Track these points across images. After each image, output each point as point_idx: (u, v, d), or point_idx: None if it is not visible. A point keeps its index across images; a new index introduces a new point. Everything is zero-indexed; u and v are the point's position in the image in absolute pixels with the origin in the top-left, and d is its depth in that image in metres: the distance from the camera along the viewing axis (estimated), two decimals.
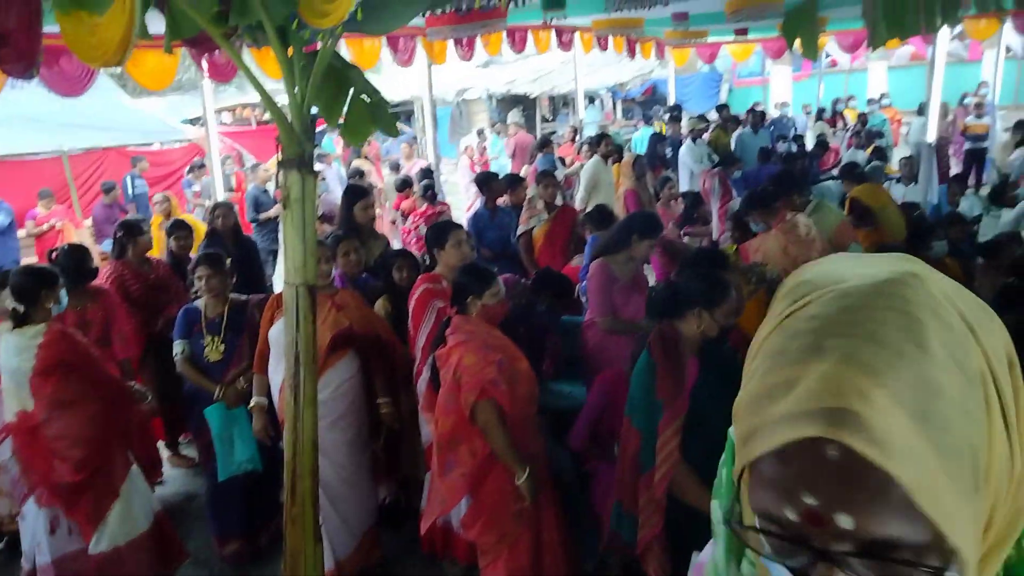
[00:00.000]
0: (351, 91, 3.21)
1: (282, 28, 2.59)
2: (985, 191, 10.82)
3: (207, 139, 8.40)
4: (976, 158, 11.58)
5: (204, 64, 6.10)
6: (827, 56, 16.68)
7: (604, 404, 3.27)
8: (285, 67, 2.65)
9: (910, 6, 2.53)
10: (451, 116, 18.95)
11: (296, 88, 2.68)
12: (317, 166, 12.28)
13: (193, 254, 5.47)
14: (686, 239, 6.76)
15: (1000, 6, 6.09)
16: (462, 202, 10.90)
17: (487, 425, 2.95)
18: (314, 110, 2.87)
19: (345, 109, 3.24)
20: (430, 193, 7.16)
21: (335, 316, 3.56)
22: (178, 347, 3.84)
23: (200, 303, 3.91)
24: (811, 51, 2.89)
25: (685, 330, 2.61)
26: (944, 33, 5.50)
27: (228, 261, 3.97)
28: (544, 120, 20.08)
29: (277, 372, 3.44)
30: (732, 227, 5.51)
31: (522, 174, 10.11)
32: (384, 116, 3.58)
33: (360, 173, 9.08)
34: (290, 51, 2.67)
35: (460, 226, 4.04)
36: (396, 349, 3.79)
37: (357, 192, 5.02)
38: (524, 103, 19.00)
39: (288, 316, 2.78)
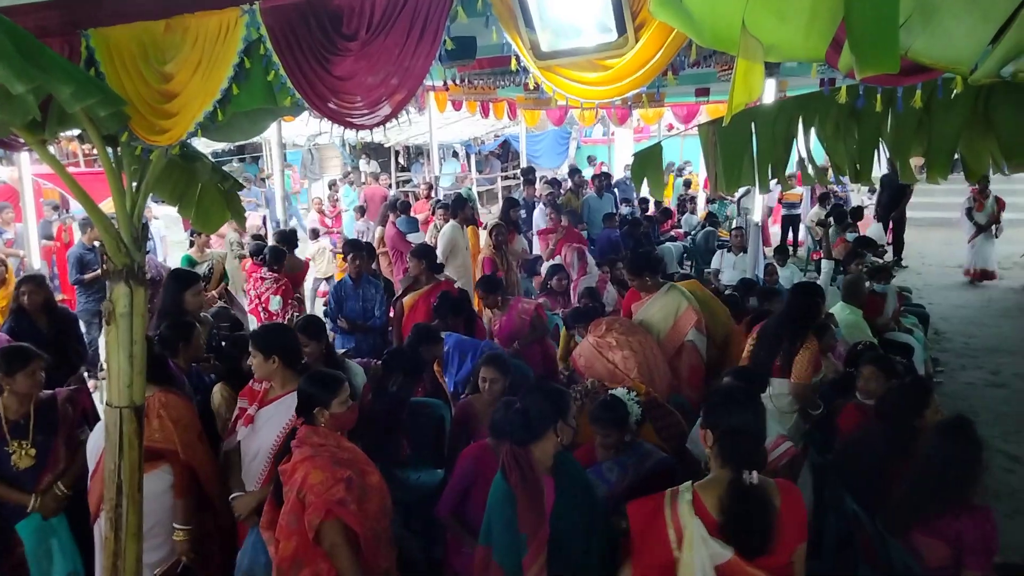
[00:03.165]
0: (199, 182, 3.04)
1: (110, 136, 2.39)
2: (802, 252, 12.07)
3: (19, 180, 7.62)
4: (791, 223, 12.83)
5: None
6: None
7: (471, 478, 3.24)
8: (112, 176, 2.43)
9: (745, 169, 2.81)
10: (302, 160, 18.45)
11: (126, 196, 2.47)
12: (250, 191, 11.41)
13: None
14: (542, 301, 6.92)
15: None
16: (309, 251, 10.54)
17: (333, 547, 2.79)
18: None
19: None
20: (272, 258, 6.85)
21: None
22: None
23: None
24: (657, 190, 3.10)
25: (542, 451, 2.62)
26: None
27: (34, 361, 3.50)
28: (401, 168, 20.03)
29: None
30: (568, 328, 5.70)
31: (376, 233, 10.03)
32: (237, 202, 3.43)
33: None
34: None
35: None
36: (204, 464, 3.40)
37: (184, 278, 4.67)
38: (379, 151, 18.86)
39: (110, 441, 2.52)
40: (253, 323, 6.80)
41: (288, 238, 7.58)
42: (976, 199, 11.17)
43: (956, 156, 2.75)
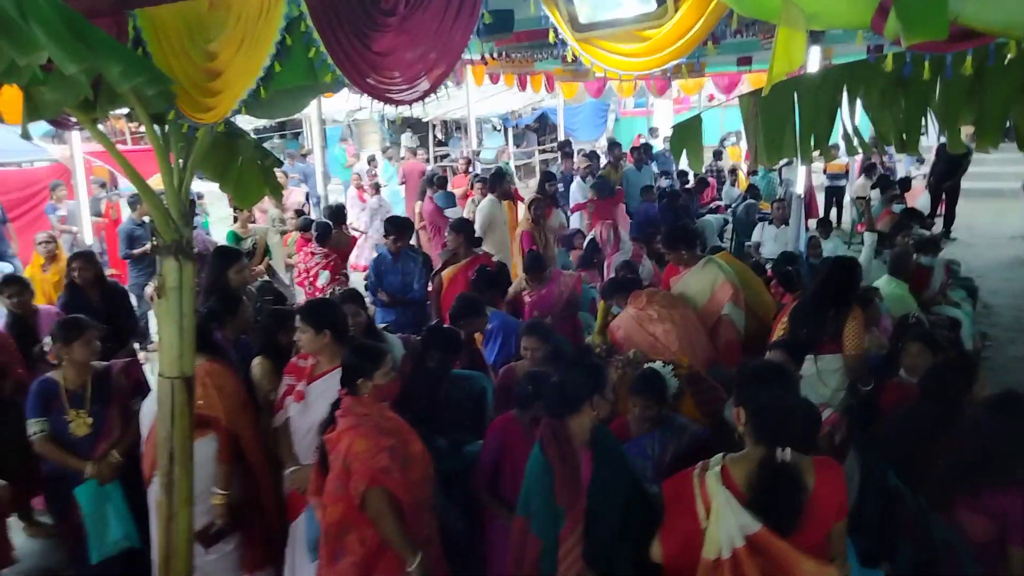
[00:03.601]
0: (240, 158, 3.10)
1: (158, 114, 2.45)
2: (846, 225, 11.80)
3: (71, 159, 7.84)
4: (836, 196, 12.51)
5: None
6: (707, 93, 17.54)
7: (498, 450, 3.30)
8: (160, 153, 2.50)
9: (787, 140, 2.76)
10: (341, 135, 18.57)
11: (173, 173, 2.53)
12: (293, 167, 11.67)
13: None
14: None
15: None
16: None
17: (378, 514, 2.87)
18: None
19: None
20: (320, 234, 6.95)
21: None
22: (35, 426, 3.51)
23: (56, 374, 3.61)
24: (697, 164, 3.08)
25: (579, 424, 2.64)
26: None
27: (89, 330, 3.64)
28: (438, 143, 20.05)
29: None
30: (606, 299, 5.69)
31: (416, 208, 10.10)
32: (274, 178, 3.49)
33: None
34: None
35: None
36: (246, 432, 3.49)
37: (228, 255, 4.77)
38: (417, 126, 18.89)
39: (162, 410, 2.62)
40: (300, 296, 6.94)
41: (336, 214, 7.67)
42: None
43: (1008, 124, 2.67)
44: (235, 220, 7.86)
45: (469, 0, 2.33)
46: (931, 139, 3.12)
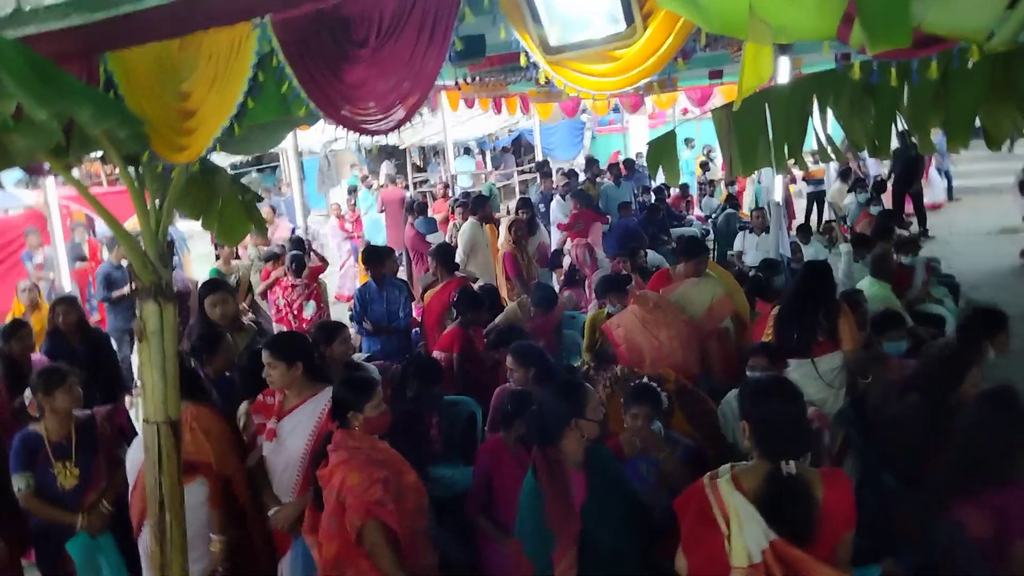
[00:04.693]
0: (220, 196, 3.09)
1: (131, 156, 2.44)
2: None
3: (46, 204, 7.76)
4: (817, 200, 12.70)
5: None
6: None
7: (488, 474, 3.31)
8: (136, 195, 2.48)
9: (761, 151, 2.80)
10: (319, 167, 18.54)
11: (150, 215, 2.51)
12: (267, 202, 11.66)
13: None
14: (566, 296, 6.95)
15: None
16: (332, 257, 10.65)
17: (374, 547, 2.83)
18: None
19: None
20: (296, 265, 6.93)
21: None
22: (20, 481, 3.44)
23: (38, 426, 3.54)
24: (673, 177, 3.11)
25: (568, 448, 2.63)
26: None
27: (70, 377, 3.58)
28: (416, 169, 20.09)
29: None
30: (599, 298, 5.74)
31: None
32: (257, 214, 3.48)
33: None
34: None
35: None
36: (237, 474, 3.43)
37: (206, 287, 4.74)
38: (394, 153, 18.92)
39: (149, 457, 2.57)
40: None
41: (298, 244, 7.67)
42: None
43: (976, 124, 2.72)
44: (217, 257, 7.82)
45: (440, 28, 2.34)
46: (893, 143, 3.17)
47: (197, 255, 11.48)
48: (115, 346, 6.52)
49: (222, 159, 10.42)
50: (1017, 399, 2.82)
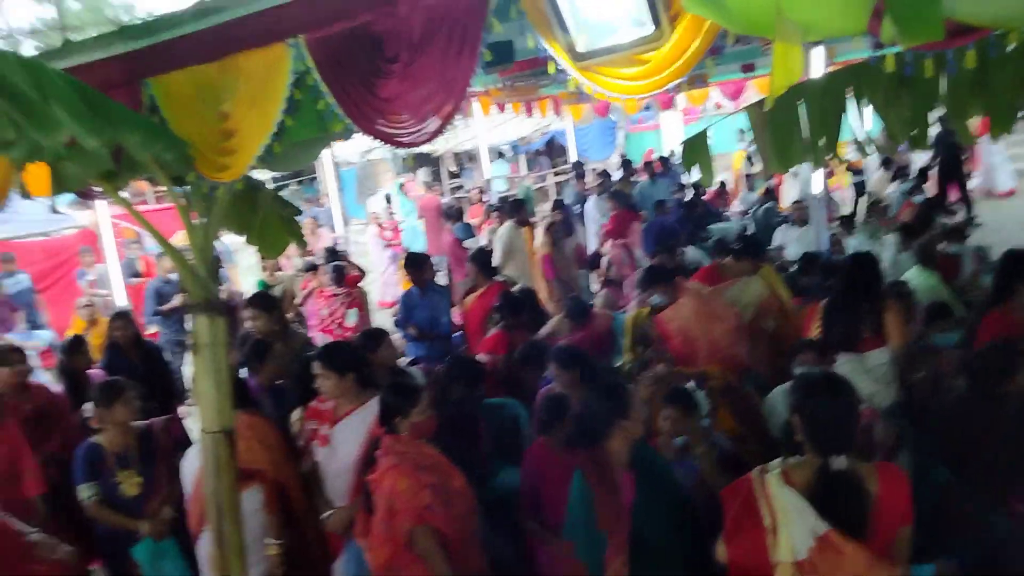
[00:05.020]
0: (261, 211, 3.18)
1: (177, 176, 2.53)
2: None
3: (97, 224, 8.02)
4: (859, 191, 12.43)
5: None
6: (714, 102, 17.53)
7: (535, 478, 3.29)
8: (183, 213, 2.57)
9: (797, 146, 2.78)
10: (357, 178, 18.82)
11: (197, 231, 2.60)
12: (308, 213, 11.96)
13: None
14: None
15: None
16: (372, 264, 10.81)
17: (426, 552, 2.88)
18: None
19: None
20: (336, 275, 7.05)
21: None
22: (86, 491, 3.57)
23: (99, 438, 3.68)
24: (707, 175, 3.11)
25: (615, 448, 2.64)
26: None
27: (128, 390, 3.71)
28: (451, 175, 20.23)
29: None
30: (639, 295, 5.71)
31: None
32: (296, 227, 3.57)
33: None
34: None
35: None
36: (292, 480, 3.54)
37: (246, 303, 4.87)
38: (429, 160, 19.09)
39: (207, 465, 2.66)
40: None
41: (333, 253, 7.79)
42: None
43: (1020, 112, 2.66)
44: (263, 269, 7.99)
45: (470, 39, 2.38)
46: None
47: (245, 266, 11.74)
48: (168, 358, 6.71)
49: (262, 172, 10.67)
50: None
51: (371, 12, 2.46)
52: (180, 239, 3.21)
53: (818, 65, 6.25)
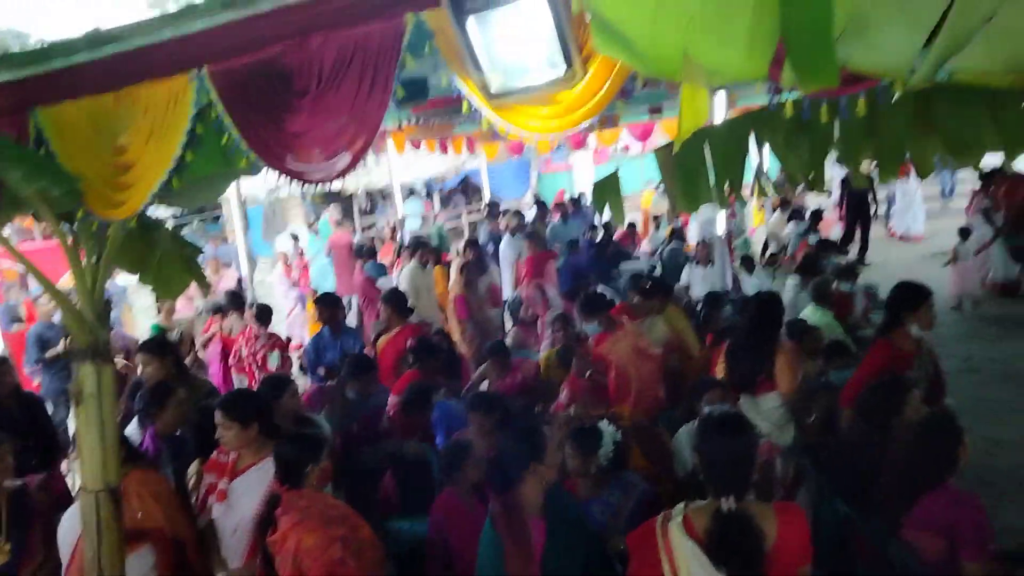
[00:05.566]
0: (159, 250, 3.01)
1: (66, 213, 2.36)
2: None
3: None
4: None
5: None
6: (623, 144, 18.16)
7: (444, 528, 3.23)
8: (70, 253, 2.39)
9: (703, 187, 2.89)
10: (264, 215, 18.32)
11: (85, 272, 2.42)
12: (213, 252, 11.33)
13: None
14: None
15: None
16: (278, 304, 10.45)
17: None
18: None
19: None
20: (261, 315, 6.77)
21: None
22: None
23: None
24: (618, 215, 3.17)
25: (527, 493, 2.59)
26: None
27: (1, 442, 3.39)
28: (363, 213, 20.00)
29: None
30: (555, 332, 5.75)
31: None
32: (197, 267, 3.40)
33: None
34: None
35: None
36: (189, 536, 3.28)
37: (139, 348, 4.61)
38: (340, 198, 18.81)
39: (88, 527, 2.44)
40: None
41: (236, 296, 7.45)
42: (994, 196, 9.12)
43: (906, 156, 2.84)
44: (158, 311, 7.57)
45: (382, 74, 2.34)
46: (831, 173, 3.28)
47: (140, 308, 11.14)
48: (51, 409, 6.22)
49: (164, 209, 10.20)
50: (953, 422, 2.92)
51: (280, 44, 2.39)
52: (70, 280, 3.00)
53: (720, 110, 6.56)
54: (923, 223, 13.19)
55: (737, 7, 1.49)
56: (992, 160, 3.13)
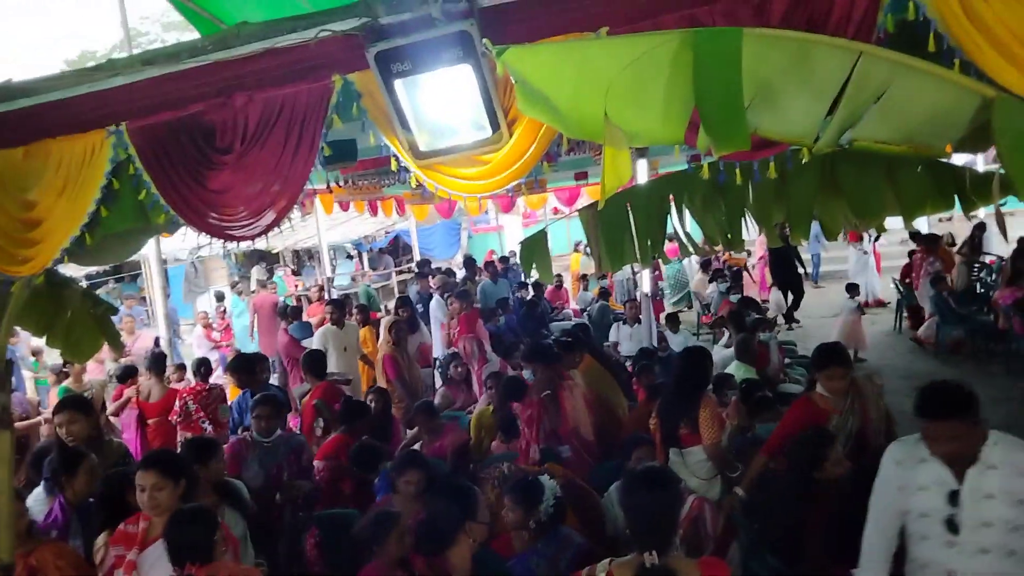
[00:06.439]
0: (69, 310, 2.87)
1: None
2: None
3: None
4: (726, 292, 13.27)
5: None
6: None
7: None
8: None
9: (627, 247, 2.98)
10: (185, 275, 17.77)
11: None
12: (129, 311, 10.68)
13: None
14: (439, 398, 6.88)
15: None
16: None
17: None
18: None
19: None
20: (203, 370, 6.52)
21: None
22: None
23: None
24: (547, 276, 3.21)
25: (457, 556, 2.52)
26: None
27: None
28: (292, 273, 19.66)
29: None
30: (489, 389, 5.71)
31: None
32: (110, 328, 3.25)
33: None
34: None
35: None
36: None
37: (57, 407, 4.33)
38: (267, 257, 18.48)
39: None
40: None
41: (161, 359, 7.15)
42: (942, 259, 9.78)
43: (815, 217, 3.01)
44: (66, 375, 7.15)
45: (308, 133, 2.34)
46: (751, 234, 3.45)
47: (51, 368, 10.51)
48: None
49: (76, 268, 9.76)
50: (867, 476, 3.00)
51: (203, 102, 2.36)
52: None
53: (642, 176, 6.79)
54: (880, 287, 13.09)
55: (652, 76, 1.57)
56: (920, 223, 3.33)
